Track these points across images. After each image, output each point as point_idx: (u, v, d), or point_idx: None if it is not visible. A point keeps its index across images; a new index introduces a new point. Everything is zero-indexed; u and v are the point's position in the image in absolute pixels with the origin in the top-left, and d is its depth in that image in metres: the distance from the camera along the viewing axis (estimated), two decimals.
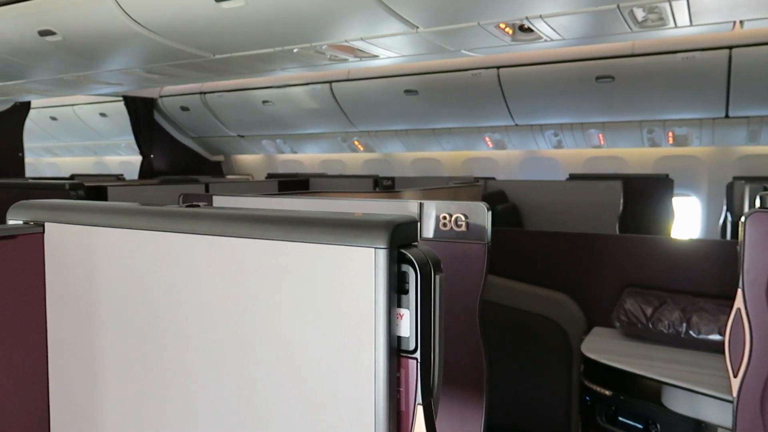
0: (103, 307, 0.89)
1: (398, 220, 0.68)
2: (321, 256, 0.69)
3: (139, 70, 4.19)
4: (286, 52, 3.41)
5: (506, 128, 6.02)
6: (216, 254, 0.77)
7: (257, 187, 4.58)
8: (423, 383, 0.68)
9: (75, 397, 0.94)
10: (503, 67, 5.12)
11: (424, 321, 0.68)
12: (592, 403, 2.41)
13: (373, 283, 0.66)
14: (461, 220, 1.62)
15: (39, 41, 3.40)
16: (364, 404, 0.67)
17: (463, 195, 3.53)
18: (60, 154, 10.09)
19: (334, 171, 7.59)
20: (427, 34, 2.96)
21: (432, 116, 6.16)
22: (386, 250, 0.65)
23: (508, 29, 2.88)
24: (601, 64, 4.73)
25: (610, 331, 2.63)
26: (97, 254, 0.89)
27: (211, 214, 0.79)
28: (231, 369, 0.77)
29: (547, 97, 5.29)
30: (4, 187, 3.04)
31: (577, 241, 2.84)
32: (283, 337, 0.73)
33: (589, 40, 3.22)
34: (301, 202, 1.76)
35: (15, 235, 0.92)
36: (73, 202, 0.96)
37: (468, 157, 6.79)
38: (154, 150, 7.80)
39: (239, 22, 2.86)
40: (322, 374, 0.70)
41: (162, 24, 2.99)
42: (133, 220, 0.84)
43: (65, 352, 0.95)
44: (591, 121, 5.59)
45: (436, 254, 0.71)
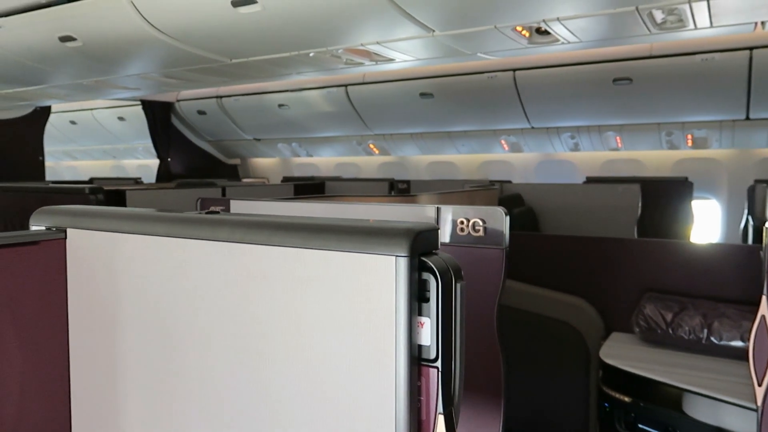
0: (123, 313, 0.90)
1: (419, 228, 0.67)
2: (341, 263, 0.69)
3: (156, 75, 4.23)
4: (303, 56, 3.42)
5: (522, 131, 5.99)
6: (236, 261, 0.77)
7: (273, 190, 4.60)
8: (444, 392, 0.67)
9: (96, 400, 0.95)
10: (519, 70, 5.10)
11: (445, 329, 0.67)
12: (611, 410, 2.38)
13: (393, 292, 0.66)
14: (479, 225, 1.61)
15: (60, 47, 3.45)
16: (384, 413, 0.67)
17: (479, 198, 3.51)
18: (79, 158, 10.22)
19: (349, 174, 7.60)
20: (443, 37, 2.96)
21: (447, 119, 6.15)
22: (407, 258, 0.65)
23: (525, 32, 2.87)
24: (619, 66, 4.69)
25: (629, 336, 2.59)
26: (118, 260, 0.90)
27: (232, 221, 0.79)
28: (250, 376, 0.77)
29: (563, 99, 5.25)
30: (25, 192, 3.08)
31: (595, 245, 2.81)
32: (303, 344, 0.72)
33: (607, 43, 3.19)
34: (318, 206, 1.76)
35: (38, 241, 0.93)
36: (94, 209, 0.97)
37: (483, 160, 6.77)
38: (171, 153, 7.87)
39: (256, 26, 2.88)
40: (343, 383, 0.69)
41: (180, 29, 3.02)
42: (154, 226, 0.85)
43: (86, 357, 0.96)
44: (608, 124, 5.54)
45: (456, 262, 0.70)
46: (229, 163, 8.65)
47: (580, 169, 6.12)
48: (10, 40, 3.45)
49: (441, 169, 7.09)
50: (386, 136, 6.92)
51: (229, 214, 0.83)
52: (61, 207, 0.99)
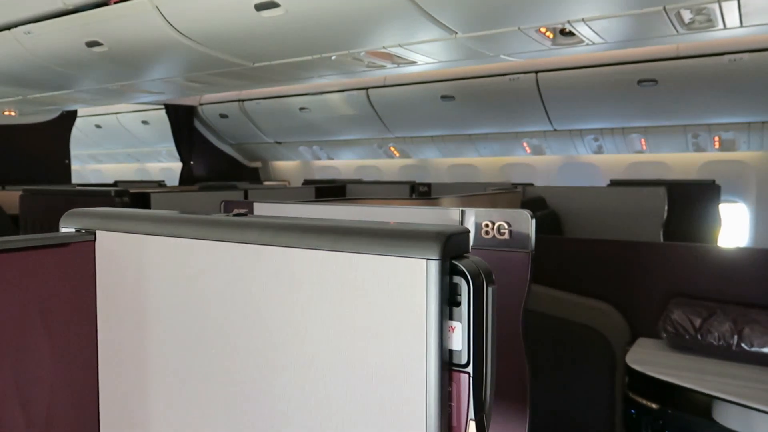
0: (153, 315, 0.90)
1: (450, 231, 0.66)
2: (371, 266, 0.68)
3: (180, 79, 4.28)
4: (324, 60, 3.43)
5: (545, 133, 5.94)
6: (264, 264, 0.77)
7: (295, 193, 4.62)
8: (475, 398, 0.66)
9: (124, 403, 0.95)
10: (542, 72, 5.06)
11: (477, 334, 0.66)
12: (637, 416, 2.33)
13: (424, 295, 0.64)
14: (504, 228, 1.59)
15: (86, 52, 3.50)
16: (415, 419, 0.66)
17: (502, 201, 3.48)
18: (104, 161, 10.39)
19: (369, 177, 7.61)
20: (465, 39, 2.94)
21: (469, 122, 6.12)
22: (438, 262, 0.64)
23: (549, 33, 2.84)
24: (644, 67, 4.62)
25: (656, 342, 2.54)
26: (147, 262, 0.90)
27: (260, 223, 0.79)
28: (277, 380, 0.77)
29: (587, 101, 5.20)
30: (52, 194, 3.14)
31: (620, 249, 2.77)
32: (332, 348, 0.72)
33: (632, 43, 3.14)
34: (341, 209, 1.76)
35: (68, 243, 0.94)
36: (123, 211, 0.98)
37: (505, 162, 6.72)
38: (194, 157, 7.96)
39: (278, 30, 2.89)
40: (372, 388, 0.68)
41: (204, 33, 3.05)
42: (183, 228, 0.85)
43: (114, 359, 0.96)
44: (633, 126, 5.46)
45: (488, 265, 0.69)
46: (250, 166, 8.72)
47: (604, 172, 6.04)
48: (39, 45, 3.52)
49: (462, 172, 7.06)
50: (407, 138, 6.91)
51: (257, 217, 0.83)
52: (90, 209, 1.00)
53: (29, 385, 0.89)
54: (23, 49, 3.58)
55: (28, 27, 3.30)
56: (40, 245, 0.91)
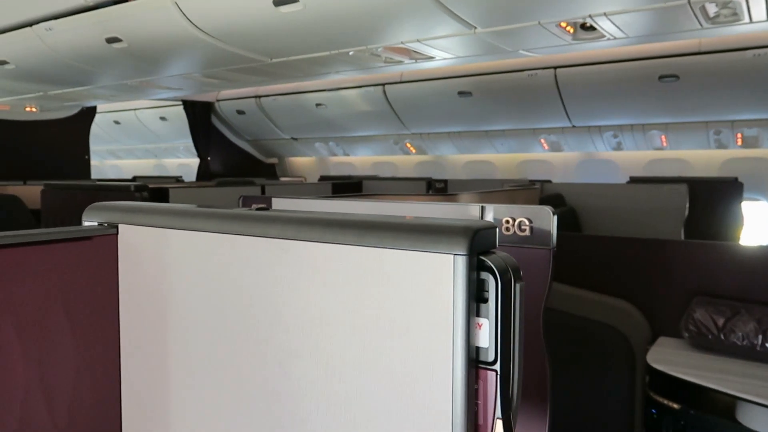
0: (174, 309, 0.90)
1: (478, 226, 0.65)
2: (396, 262, 0.67)
3: (198, 75, 4.30)
4: (342, 55, 3.42)
5: (563, 130, 5.88)
6: (288, 258, 0.76)
7: (311, 189, 4.63)
8: (503, 396, 0.65)
9: (146, 397, 0.95)
10: (561, 67, 5.00)
11: (504, 331, 0.65)
12: (658, 417, 2.30)
13: (451, 291, 0.63)
14: (525, 225, 1.57)
15: (106, 48, 3.53)
16: (440, 417, 0.65)
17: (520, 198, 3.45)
18: (122, 157, 10.50)
19: (385, 173, 7.59)
20: (484, 34, 2.92)
21: (486, 118, 6.08)
22: (466, 257, 0.63)
23: (570, 28, 2.80)
24: (665, 62, 4.55)
25: (677, 341, 2.51)
26: (169, 256, 0.90)
27: (284, 217, 0.78)
28: (300, 375, 0.76)
29: (606, 97, 5.13)
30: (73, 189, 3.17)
31: (642, 247, 2.73)
32: (356, 345, 0.71)
33: (654, 38, 3.09)
34: (360, 205, 1.75)
35: (91, 237, 0.94)
36: (146, 205, 0.98)
37: (522, 159, 6.67)
38: (211, 153, 8.01)
39: (297, 25, 2.89)
40: (397, 385, 0.68)
41: (222, 29, 3.06)
42: (206, 222, 0.85)
43: (137, 353, 0.96)
44: (653, 122, 5.39)
45: (515, 261, 0.67)
46: (267, 162, 8.76)
47: (623, 169, 5.97)
48: (59, 42, 3.56)
49: (478, 169, 7.02)
50: (423, 135, 6.89)
51: (281, 211, 0.83)
52: (113, 203, 1.00)
53: (53, 378, 0.89)
54: (44, 45, 3.62)
55: (49, 23, 3.33)
56: (63, 238, 0.92)
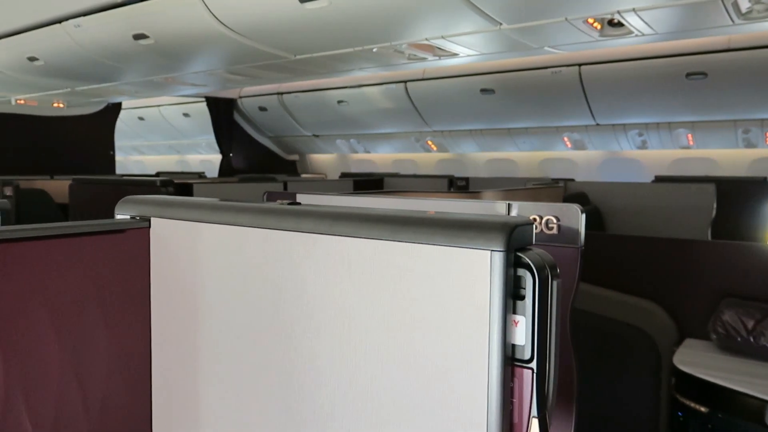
0: (206, 302, 0.90)
1: (515, 222, 0.64)
2: (431, 257, 0.67)
3: (222, 71, 4.34)
4: (366, 52, 3.42)
5: (586, 128, 5.81)
6: (320, 253, 0.76)
7: (333, 185, 4.63)
8: (539, 395, 0.64)
9: (176, 389, 0.96)
10: (585, 65, 4.94)
11: (541, 329, 0.64)
12: (685, 419, 2.26)
13: (487, 288, 0.63)
14: (552, 223, 1.55)
15: (133, 45, 3.57)
16: (475, 415, 0.64)
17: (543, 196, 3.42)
18: (146, 153, 10.63)
19: (406, 171, 7.58)
20: (509, 30, 2.89)
21: (508, 116, 6.03)
22: (503, 253, 0.62)
23: (597, 24, 2.76)
24: (693, 59, 4.47)
25: (705, 343, 2.46)
26: (200, 249, 0.90)
27: (316, 212, 0.78)
28: (332, 372, 0.76)
29: (632, 95, 5.06)
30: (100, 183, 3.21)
31: (668, 247, 2.69)
32: (390, 341, 0.70)
33: (683, 35, 3.04)
34: (384, 201, 1.74)
35: (124, 230, 0.95)
36: (178, 199, 0.98)
37: (545, 157, 6.61)
38: (233, 149, 8.07)
39: (322, 22, 2.89)
40: (431, 382, 0.67)
41: (247, 26, 3.07)
42: (238, 216, 0.85)
43: (168, 344, 0.97)
44: (679, 121, 5.30)
45: (552, 258, 0.66)
46: (288, 159, 8.80)
47: (648, 168, 5.88)
48: (87, 38, 3.61)
49: (500, 167, 6.97)
50: (445, 132, 6.86)
51: (313, 205, 0.82)
52: (145, 197, 1.01)
53: (87, 369, 0.91)
54: (73, 42, 3.68)
55: (77, 20, 3.38)
56: (96, 231, 0.93)
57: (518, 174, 6.77)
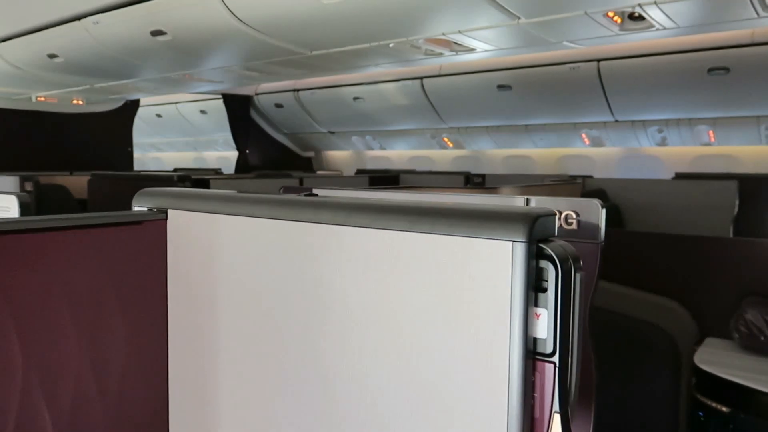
0: (223, 294, 0.90)
1: (538, 212, 0.62)
2: (451, 248, 0.65)
3: (239, 68, 4.35)
4: (382, 47, 3.41)
5: (605, 124, 5.74)
6: (338, 244, 0.75)
7: (349, 182, 4.63)
8: (561, 389, 0.62)
9: (192, 380, 0.96)
10: (604, 60, 4.88)
11: (564, 322, 0.62)
12: (706, 419, 2.23)
13: (509, 280, 0.61)
14: (572, 218, 1.53)
15: (151, 41, 3.59)
16: (496, 410, 0.63)
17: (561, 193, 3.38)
18: (163, 150, 10.72)
19: (422, 167, 7.56)
20: (528, 25, 2.86)
21: (525, 112, 5.98)
22: (525, 244, 0.60)
23: (617, 18, 2.72)
24: (715, 54, 4.39)
25: (726, 342, 2.42)
26: (217, 241, 0.90)
27: (334, 203, 0.77)
28: (350, 364, 0.75)
29: (651, 91, 4.98)
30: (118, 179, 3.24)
31: (689, 244, 2.64)
32: (408, 334, 0.69)
33: (705, 28, 2.98)
34: (402, 197, 1.73)
35: (141, 221, 0.95)
36: (195, 191, 0.98)
37: (562, 154, 6.54)
38: (249, 146, 8.10)
39: (339, 17, 2.88)
40: (450, 376, 0.66)
41: (264, 22, 3.07)
42: (255, 208, 0.84)
43: (184, 336, 0.97)
44: (700, 117, 5.21)
45: (575, 250, 0.65)
46: (303, 156, 8.82)
47: (667, 165, 5.80)
48: (106, 35, 3.64)
49: (517, 164, 6.92)
50: (461, 129, 6.82)
51: (330, 197, 0.81)
52: (162, 189, 1.01)
53: (104, 359, 0.91)
54: (92, 38, 3.71)
55: (96, 17, 3.40)
56: (114, 222, 0.93)
57: (535, 171, 6.71)
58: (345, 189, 1.91)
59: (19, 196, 1.37)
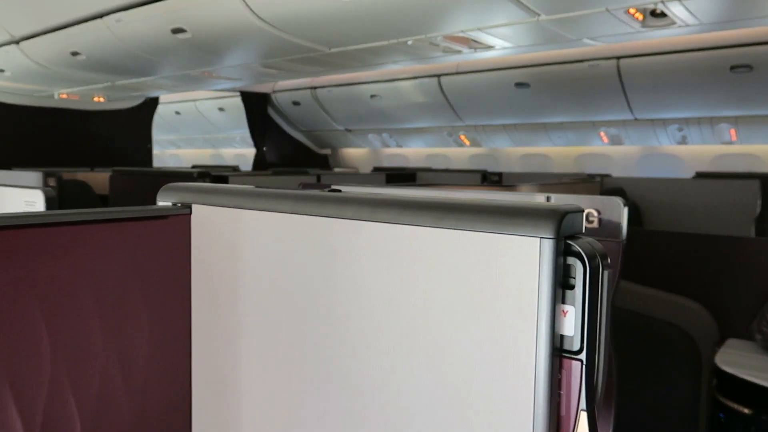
0: (247, 288, 0.91)
1: (566, 209, 0.62)
2: (477, 244, 0.65)
3: (257, 65, 4.37)
4: (401, 45, 3.40)
5: (624, 122, 5.68)
6: (362, 240, 0.75)
7: (366, 179, 4.63)
8: (588, 387, 0.62)
9: (216, 375, 0.97)
10: (624, 58, 4.83)
11: (591, 319, 0.62)
12: (727, 421, 2.20)
13: (536, 277, 0.61)
14: (593, 216, 1.52)
15: (171, 39, 3.63)
16: (521, 407, 0.62)
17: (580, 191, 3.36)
18: (181, 147, 10.81)
19: (438, 165, 7.54)
20: (548, 22, 2.83)
21: (543, 110, 5.94)
22: (553, 241, 0.60)
23: (639, 14, 2.69)
24: (738, 52, 4.32)
25: (748, 343, 2.38)
26: (241, 236, 0.91)
27: (359, 198, 0.77)
28: (372, 361, 0.75)
29: (672, 89, 4.92)
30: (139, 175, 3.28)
31: (711, 244, 2.61)
32: (432, 330, 0.69)
33: (729, 25, 2.93)
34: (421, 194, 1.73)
35: (166, 216, 0.96)
36: (219, 186, 0.99)
37: (580, 153, 6.49)
38: (266, 143, 8.15)
39: (357, 14, 2.89)
40: (475, 373, 0.66)
41: (283, 19, 3.08)
42: (279, 203, 0.85)
43: (207, 330, 0.98)
44: (722, 115, 5.14)
45: (602, 247, 0.64)
46: (320, 153, 8.84)
47: (687, 164, 5.72)
48: (127, 33, 3.68)
49: (534, 162, 6.88)
50: (478, 127, 6.80)
51: (355, 192, 0.82)
52: (187, 184, 1.02)
53: (129, 352, 0.92)
54: (113, 36, 3.75)
55: (118, 15, 3.44)
56: (140, 217, 0.94)
57: (552, 169, 6.66)
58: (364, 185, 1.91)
59: (45, 191, 1.39)
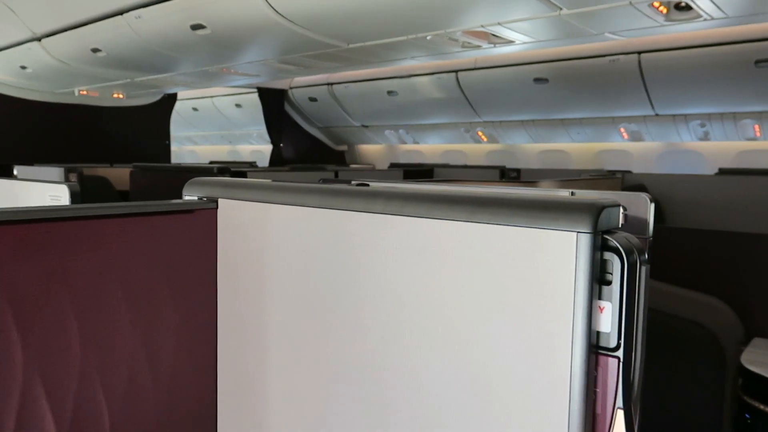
0: (273, 282, 0.90)
1: (603, 203, 0.61)
2: (511, 239, 0.64)
3: (275, 61, 4.38)
4: (419, 40, 3.38)
5: (644, 118, 5.61)
6: (391, 234, 0.75)
7: (383, 175, 4.62)
8: (624, 385, 0.61)
9: (241, 368, 0.97)
10: (645, 52, 4.76)
11: (628, 316, 0.60)
12: (753, 422, 2.16)
13: (572, 272, 0.60)
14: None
15: (190, 35, 3.64)
16: (556, 404, 0.61)
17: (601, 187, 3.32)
18: (199, 143, 10.88)
19: (455, 162, 7.51)
20: (569, 16, 2.80)
21: (562, 106, 5.88)
22: (590, 236, 0.59)
23: (663, 8, 2.65)
24: (763, 45, 4.24)
25: None
26: (269, 230, 0.90)
27: (389, 192, 0.76)
28: (401, 356, 0.74)
29: (694, 84, 4.84)
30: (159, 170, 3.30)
31: (735, 241, 2.56)
32: (464, 326, 0.68)
33: (755, 18, 2.87)
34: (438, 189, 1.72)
35: (193, 210, 0.96)
36: (246, 180, 0.99)
37: (600, 149, 6.42)
38: (283, 139, 8.17)
39: (376, 10, 2.87)
40: (509, 369, 0.65)
41: (302, 15, 3.08)
42: (306, 197, 0.84)
43: (233, 324, 0.98)
44: (745, 111, 5.04)
45: (640, 242, 0.63)
46: (336, 150, 8.85)
47: (710, 161, 5.64)
48: (147, 29, 3.70)
49: (552, 158, 6.82)
50: (495, 123, 6.75)
51: (384, 186, 0.81)
52: (213, 178, 1.02)
53: (156, 345, 0.92)
54: (133, 33, 3.78)
55: (138, 12, 3.47)
56: (167, 211, 0.94)
57: (571, 166, 6.60)
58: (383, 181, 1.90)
59: (69, 186, 1.40)
